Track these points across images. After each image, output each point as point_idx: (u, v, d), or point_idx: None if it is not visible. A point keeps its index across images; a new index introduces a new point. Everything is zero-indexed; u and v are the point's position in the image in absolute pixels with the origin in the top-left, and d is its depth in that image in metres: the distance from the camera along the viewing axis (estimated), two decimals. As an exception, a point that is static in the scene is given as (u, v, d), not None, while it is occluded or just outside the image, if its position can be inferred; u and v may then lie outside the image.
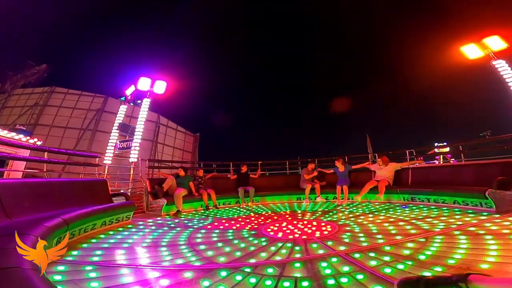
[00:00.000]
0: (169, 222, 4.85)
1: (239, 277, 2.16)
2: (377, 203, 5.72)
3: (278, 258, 2.66)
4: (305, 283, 1.99)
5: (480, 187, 4.12)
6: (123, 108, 10.56)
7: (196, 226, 4.48)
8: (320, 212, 5.38)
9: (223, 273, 2.25)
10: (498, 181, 3.87)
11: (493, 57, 7.24)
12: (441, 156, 12.29)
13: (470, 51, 7.55)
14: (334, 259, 2.47)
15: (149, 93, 9.96)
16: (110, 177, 8.44)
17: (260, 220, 4.91)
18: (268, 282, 2.04)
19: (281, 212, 5.81)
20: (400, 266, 2.14)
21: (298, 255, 2.70)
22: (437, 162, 11.32)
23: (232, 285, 2.02)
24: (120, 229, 4.15)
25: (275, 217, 5.11)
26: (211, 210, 6.40)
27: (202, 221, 5.03)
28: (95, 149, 18.58)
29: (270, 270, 2.29)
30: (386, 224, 3.83)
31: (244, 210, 6.31)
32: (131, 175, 8.57)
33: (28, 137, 10.00)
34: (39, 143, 10.26)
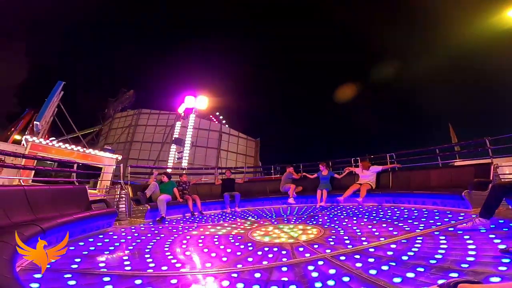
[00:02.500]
0: (153, 229, 4.72)
1: (226, 283, 2.13)
2: (360, 206, 5.83)
3: (265, 262, 2.65)
4: (292, 287, 1.99)
5: (457, 189, 4.31)
6: (178, 125, 12.78)
7: (181, 232, 4.38)
8: (305, 216, 5.42)
9: (210, 279, 2.22)
10: (474, 182, 4.06)
11: None
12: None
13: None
14: (320, 262, 2.49)
15: (194, 110, 12.35)
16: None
17: (246, 225, 4.88)
18: (256, 287, 2.02)
19: (267, 216, 5.80)
20: (384, 267, 2.18)
21: (284, 259, 2.70)
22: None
23: (219, 291, 1.99)
24: (101, 236, 3.99)
25: (261, 222, 5.10)
26: (196, 216, 6.29)
27: (187, 227, 4.94)
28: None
29: (257, 275, 2.28)
30: (369, 226, 3.90)
31: (230, 216, 6.25)
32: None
33: (112, 154, 13.36)
34: (119, 157, 13.69)
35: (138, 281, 2.17)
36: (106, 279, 2.21)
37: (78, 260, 2.76)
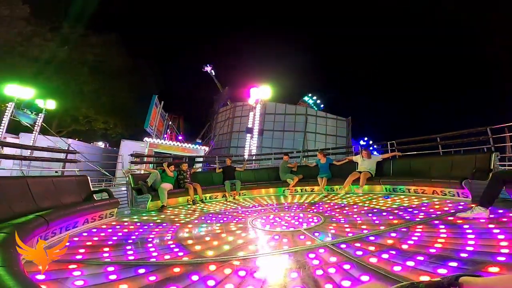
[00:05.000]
0: (155, 218, 4.77)
1: (228, 271, 2.17)
2: (360, 194, 5.87)
3: (266, 250, 2.69)
4: (294, 274, 2.02)
5: (457, 177, 4.32)
6: (251, 115, 13.95)
7: (182, 221, 4.44)
8: (306, 204, 5.47)
9: (212, 267, 2.25)
10: (475, 171, 4.06)
11: None
12: None
13: None
14: (321, 250, 2.52)
15: (260, 100, 13.58)
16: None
17: (247, 213, 4.93)
18: (258, 275, 2.06)
19: (268, 204, 5.85)
20: (385, 256, 2.21)
21: (286, 247, 2.74)
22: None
23: (221, 279, 2.02)
24: (104, 226, 4.04)
25: (262, 210, 5.15)
26: (197, 204, 6.35)
27: (188, 215, 4.99)
28: (263, 144, 23.52)
29: (259, 263, 2.31)
30: (370, 215, 3.94)
31: (231, 204, 6.31)
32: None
33: (200, 146, 18.69)
34: (206, 148, 18.95)
35: (141, 270, 2.20)
36: (110, 268, 2.24)
37: (82, 250, 2.80)
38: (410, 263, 1.99)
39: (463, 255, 2.02)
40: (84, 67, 24.00)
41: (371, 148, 8.20)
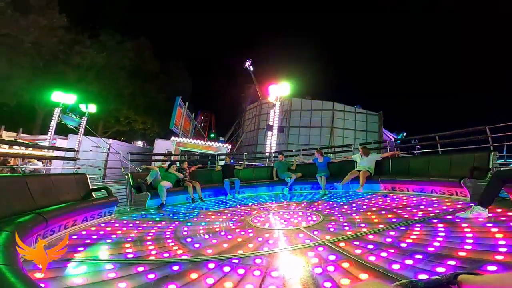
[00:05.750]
0: (154, 216, 4.77)
1: (227, 269, 2.17)
2: (359, 193, 5.88)
3: (265, 248, 2.69)
4: (293, 272, 2.02)
5: (456, 177, 4.32)
6: (272, 112, 13.88)
7: (182, 219, 4.43)
8: (305, 203, 5.47)
9: (211, 265, 2.25)
10: (473, 170, 4.07)
11: None
12: None
13: None
14: (320, 248, 2.52)
15: (279, 97, 13.57)
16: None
17: (246, 211, 4.94)
18: (257, 273, 2.06)
19: (267, 203, 5.86)
20: (383, 254, 2.22)
21: (285, 245, 2.74)
22: None
23: (220, 277, 2.03)
24: (103, 224, 4.04)
25: (261, 208, 5.16)
26: (196, 202, 6.35)
27: (188, 213, 4.99)
28: (290, 141, 24.51)
29: (258, 261, 2.32)
30: (368, 213, 3.94)
31: (230, 202, 6.31)
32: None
33: (222, 144, 19.07)
34: (229, 146, 19.08)
35: (140, 268, 2.20)
36: (109, 266, 2.24)
37: (80, 248, 2.79)
38: (409, 262, 1.99)
39: (462, 253, 2.02)
40: (122, 72, 26.08)
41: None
